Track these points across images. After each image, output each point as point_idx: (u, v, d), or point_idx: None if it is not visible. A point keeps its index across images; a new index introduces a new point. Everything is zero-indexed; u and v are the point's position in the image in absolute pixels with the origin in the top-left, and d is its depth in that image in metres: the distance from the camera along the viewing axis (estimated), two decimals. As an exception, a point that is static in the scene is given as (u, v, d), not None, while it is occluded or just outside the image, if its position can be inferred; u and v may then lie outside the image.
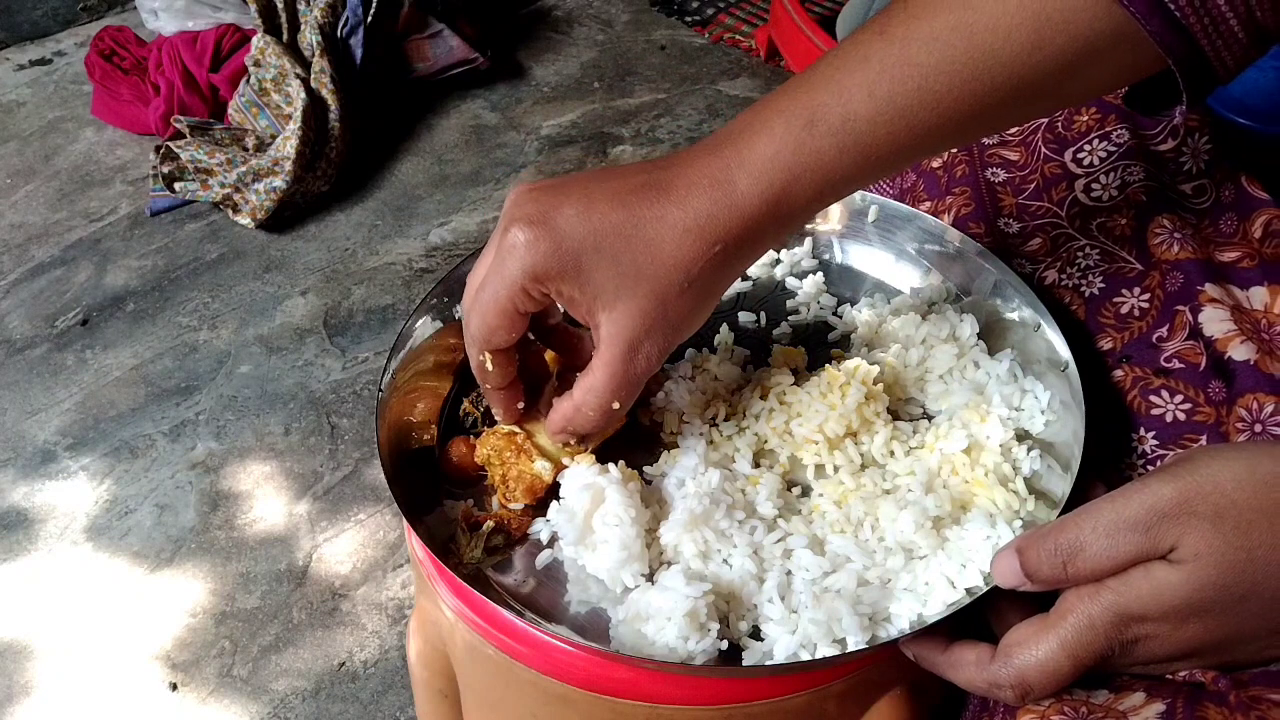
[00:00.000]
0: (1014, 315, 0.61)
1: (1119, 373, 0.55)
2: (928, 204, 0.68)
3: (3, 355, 1.32)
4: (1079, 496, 0.50)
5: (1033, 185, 0.64)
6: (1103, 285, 0.59)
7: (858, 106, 0.44)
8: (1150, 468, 0.52)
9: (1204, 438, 0.51)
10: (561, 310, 0.54)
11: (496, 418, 0.56)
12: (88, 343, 1.33)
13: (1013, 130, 0.67)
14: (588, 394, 0.49)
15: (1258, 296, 0.54)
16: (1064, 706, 0.42)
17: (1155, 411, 0.53)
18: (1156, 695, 0.41)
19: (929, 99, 0.44)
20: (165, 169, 1.51)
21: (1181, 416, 0.52)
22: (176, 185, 1.51)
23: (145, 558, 1.08)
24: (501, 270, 0.46)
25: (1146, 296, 0.57)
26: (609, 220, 0.45)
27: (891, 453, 0.56)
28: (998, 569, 0.44)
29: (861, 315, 0.64)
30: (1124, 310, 0.57)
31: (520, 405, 0.54)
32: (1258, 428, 0.50)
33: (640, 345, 0.47)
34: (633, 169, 0.47)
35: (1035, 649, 0.41)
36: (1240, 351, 0.52)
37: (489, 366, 0.50)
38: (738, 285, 0.69)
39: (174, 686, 0.97)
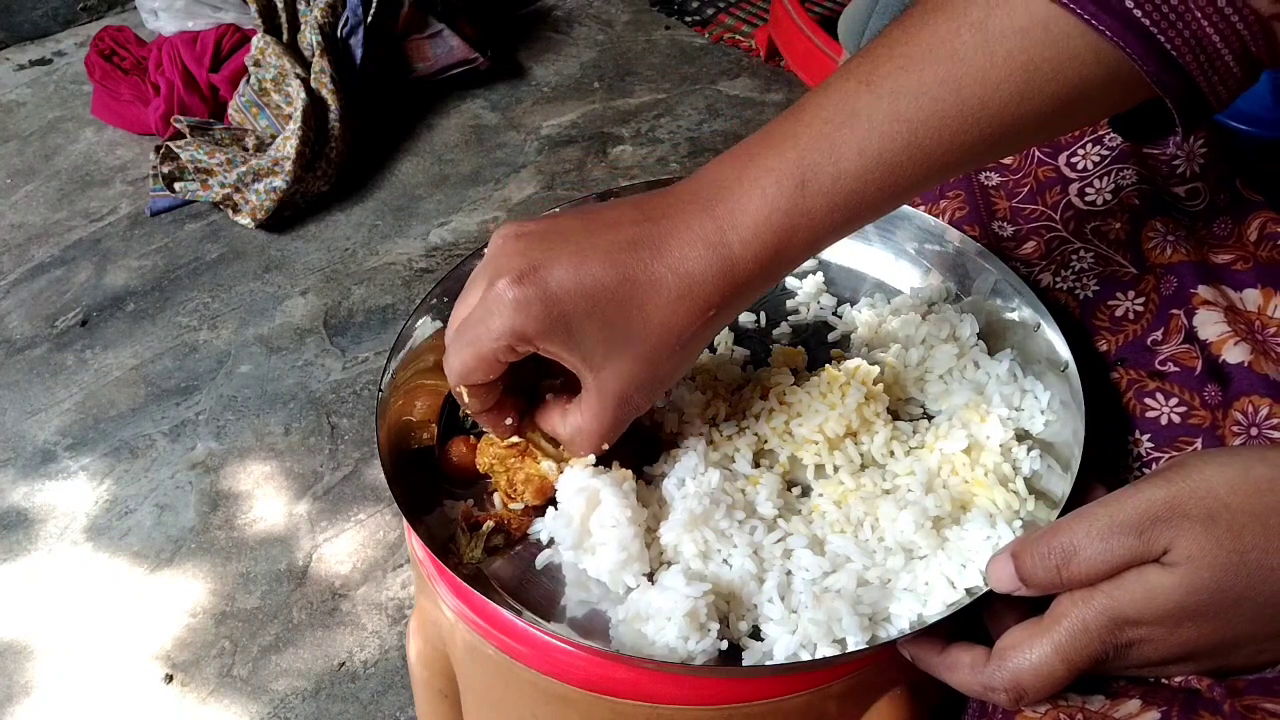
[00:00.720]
0: (1014, 315, 0.61)
1: (1114, 375, 0.55)
2: (921, 208, 0.68)
3: (3, 355, 1.32)
4: (1079, 497, 0.50)
5: (1026, 189, 0.65)
6: (1097, 288, 0.59)
7: (848, 165, 0.44)
8: (1146, 470, 0.52)
9: (1199, 441, 0.51)
10: None
11: (496, 437, 0.56)
12: (88, 343, 1.33)
13: None
14: (575, 435, 0.50)
15: (1251, 299, 0.54)
16: (1060, 713, 0.42)
17: (1150, 414, 0.53)
18: (1152, 703, 0.41)
19: (918, 154, 0.44)
20: (165, 169, 1.51)
21: (1176, 419, 0.52)
22: (176, 185, 1.51)
23: (145, 558, 1.08)
24: (487, 322, 0.45)
25: (1141, 300, 0.57)
26: (600, 282, 0.44)
27: (891, 453, 0.56)
28: (993, 574, 0.44)
29: (861, 315, 0.64)
30: (1118, 313, 0.58)
31: (509, 422, 0.53)
32: (1254, 431, 0.50)
33: (628, 400, 0.48)
34: (622, 217, 0.46)
35: (1029, 652, 0.41)
36: (1234, 354, 0.52)
37: (465, 398, 0.50)
38: (738, 285, 0.69)
39: (169, 678, 0.97)
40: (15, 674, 0.98)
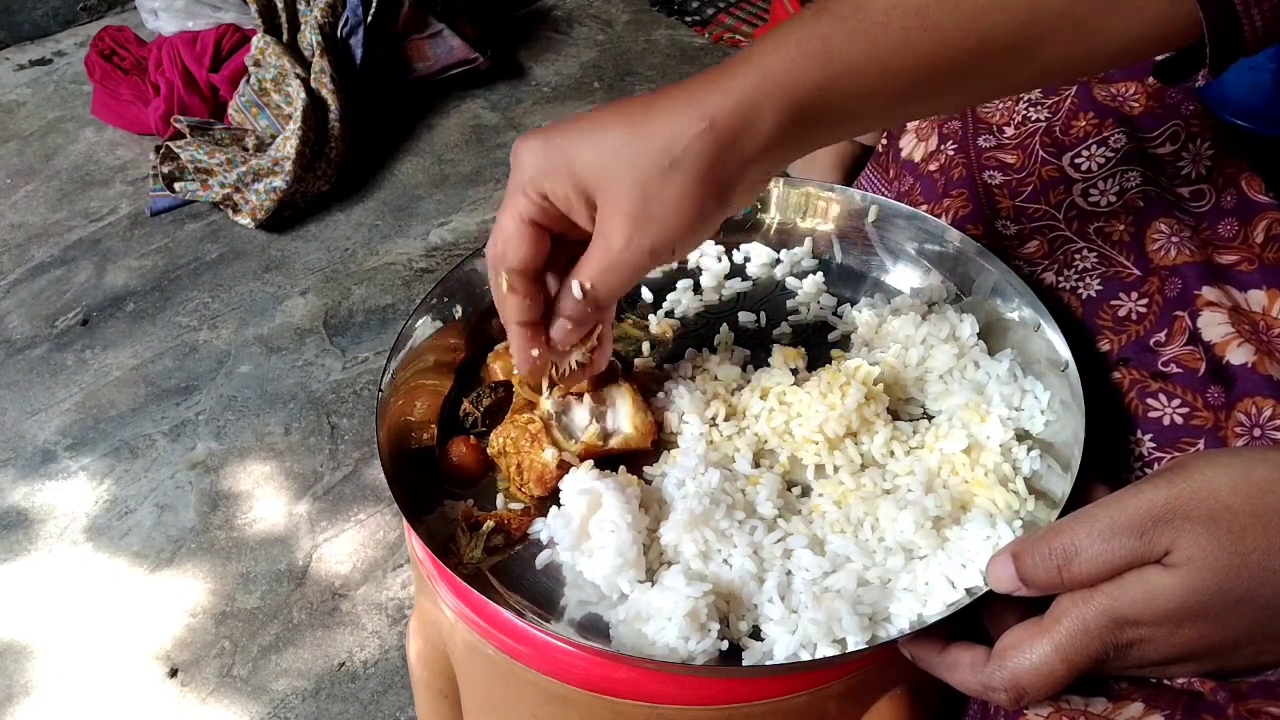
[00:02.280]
0: (1014, 315, 0.61)
1: (1116, 375, 0.55)
2: (925, 207, 0.68)
3: (3, 355, 1.32)
4: (1079, 497, 0.50)
5: (1030, 188, 0.65)
6: (1100, 288, 0.59)
7: (871, 10, 0.43)
8: (1148, 470, 0.52)
9: (1201, 442, 0.51)
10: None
11: (516, 367, 0.54)
12: (88, 343, 1.33)
13: (1010, 133, 0.67)
14: (596, 273, 0.48)
15: (1256, 299, 0.54)
16: (1062, 716, 0.41)
17: (1153, 414, 0.53)
18: (1155, 706, 0.40)
19: (934, 33, 0.43)
20: (165, 169, 1.51)
21: (1179, 420, 0.52)
22: (176, 185, 1.51)
23: (145, 558, 1.08)
24: (509, 184, 0.47)
25: (1144, 301, 0.57)
26: (598, 120, 0.45)
27: (891, 453, 0.56)
28: (993, 575, 0.44)
29: (861, 315, 0.64)
30: (1121, 313, 0.57)
31: (535, 353, 0.52)
32: (1256, 431, 0.50)
33: (627, 231, 0.45)
34: (638, 95, 0.47)
35: (1030, 652, 0.41)
36: (1238, 355, 0.52)
37: (505, 289, 0.49)
38: (737, 285, 0.69)
39: (173, 672, 0.97)
40: (15, 674, 0.98)
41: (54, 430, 1.22)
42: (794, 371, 0.60)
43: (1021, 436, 0.56)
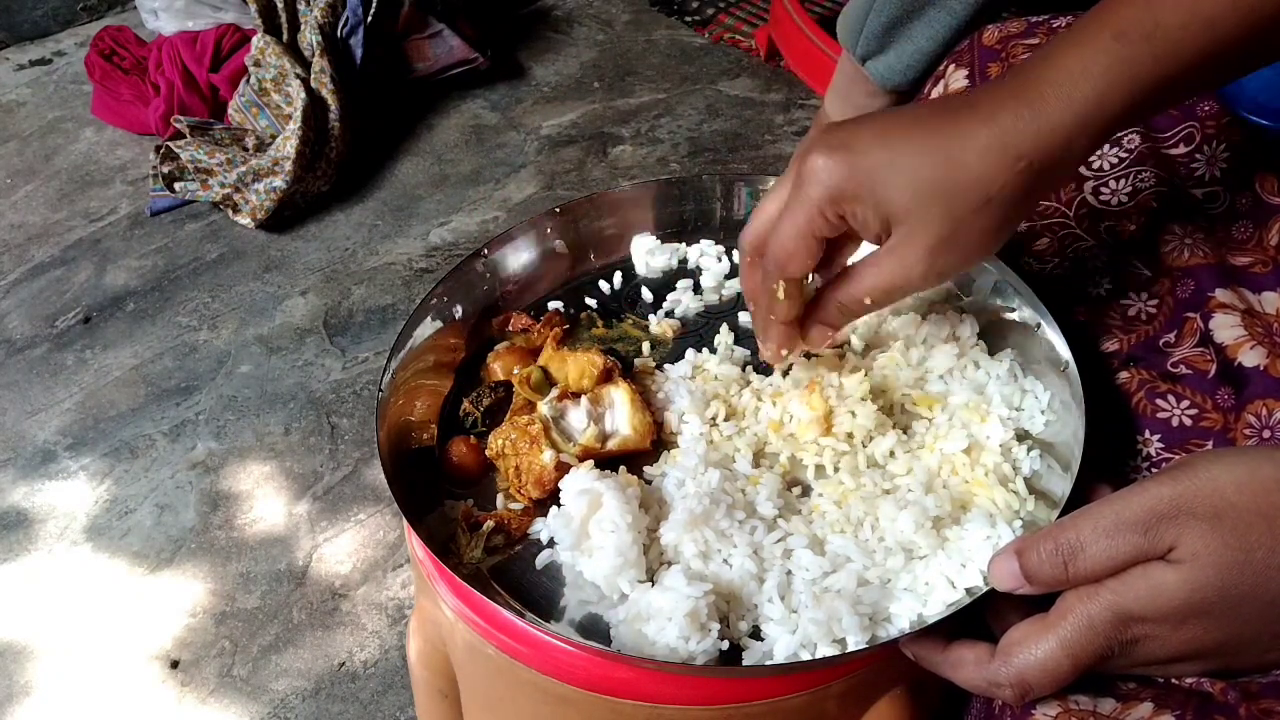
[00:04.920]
0: (1014, 315, 0.61)
1: (1124, 375, 0.55)
2: None
3: (3, 355, 1.32)
4: (1080, 497, 0.50)
5: None
6: (1110, 287, 0.59)
7: (1166, 16, 0.43)
8: (1155, 470, 0.52)
9: (1210, 443, 0.51)
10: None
11: (764, 355, 0.56)
12: (88, 343, 1.33)
13: None
14: (877, 291, 0.49)
15: (1270, 301, 0.54)
16: (1071, 717, 0.41)
17: (1161, 415, 0.53)
18: (1165, 706, 0.40)
19: (1241, 6, 0.42)
20: (165, 169, 1.51)
21: (1188, 421, 0.52)
22: (176, 185, 1.51)
23: (145, 558, 1.08)
24: (800, 196, 0.47)
25: (1155, 302, 0.57)
26: (907, 140, 0.45)
27: (892, 453, 0.56)
28: (995, 572, 0.44)
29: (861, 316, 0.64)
30: (1131, 313, 0.57)
31: (784, 353, 0.55)
32: (1266, 433, 0.50)
33: (934, 256, 0.46)
34: (932, 101, 0.48)
35: (1035, 649, 0.41)
36: (1250, 357, 0.52)
37: (781, 296, 0.50)
38: (737, 285, 0.69)
39: (174, 664, 0.97)
40: (15, 674, 0.98)
41: (54, 430, 1.22)
42: (785, 374, 0.60)
43: (1021, 436, 0.56)
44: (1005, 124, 0.44)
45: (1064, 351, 0.56)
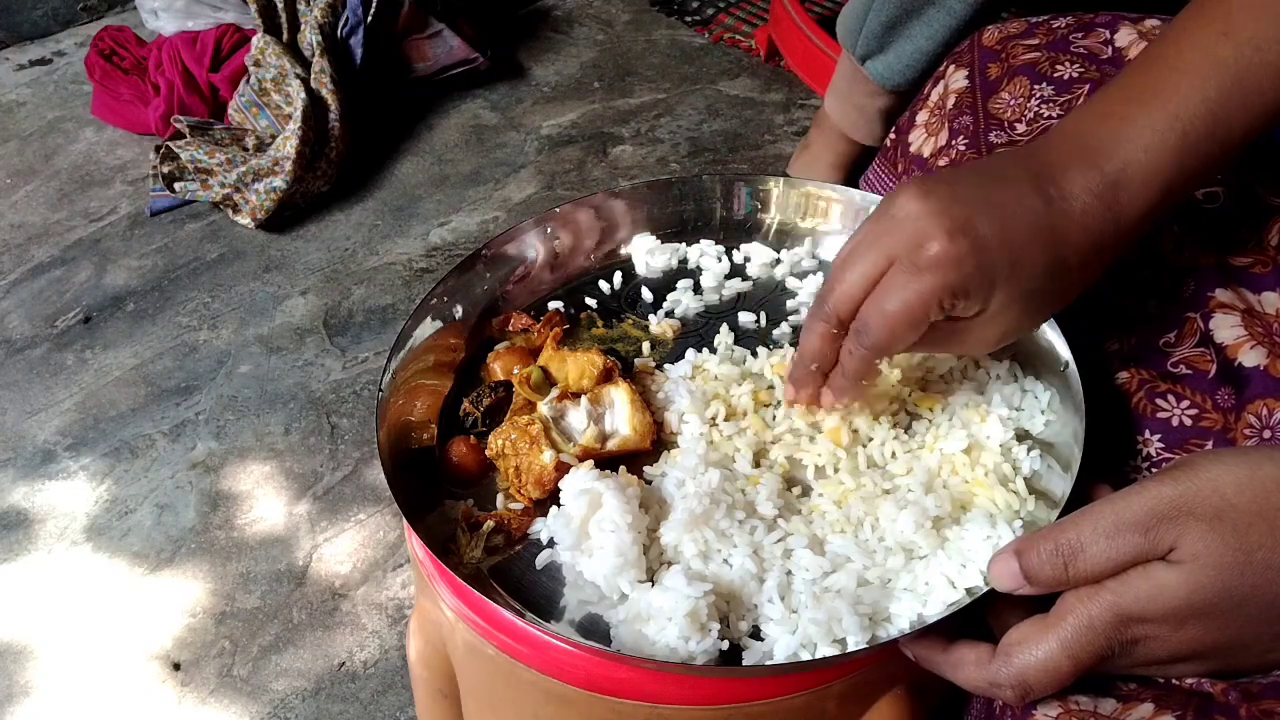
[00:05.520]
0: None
1: (1124, 375, 0.55)
2: None
3: (3, 355, 1.32)
4: (1080, 497, 0.50)
5: None
6: (1110, 288, 0.59)
7: (1232, 118, 0.46)
8: (1155, 470, 0.52)
9: (1210, 443, 0.51)
10: None
11: (790, 398, 0.56)
12: (88, 343, 1.33)
13: (1021, 129, 0.67)
14: (945, 349, 0.52)
15: (1270, 302, 0.54)
16: (1071, 718, 0.41)
17: (1161, 415, 0.53)
18: (1166, 707, 0.40)
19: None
20: (165, 169, 1.51)
21: (1188, 421, 0.52)
22: (176, 185, 1.51)
23: (145, 558, 1.08)
24: (920, 281, 0.46)
25: (1155, 301, 0.57)
26: (1021, 244, 0.46)
27: (892, 454, 0.56)
28: (995, 572, 0.44)
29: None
30: (1132, 313, 0.57)
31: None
32: (1267, 433, 0.50)
33: (1005, 337, 0.50)
34: (1017, 174, 0.47)
35: (1035, 649, 0.41)
36: (1250, 357, 0.52)
37: (885, 369, 0.53)
38: (738, 285, 0.69)
39: (176, 666, 0.97)
40: (15, 674, 0.98)
41: (54, 430, 1.22)
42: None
43: (1021, 436, 0.56)
44: (1095, 233, 0.46)
45: (1064, 351, 0.56)
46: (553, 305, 0.67)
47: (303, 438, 1.20)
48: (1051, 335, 0.57)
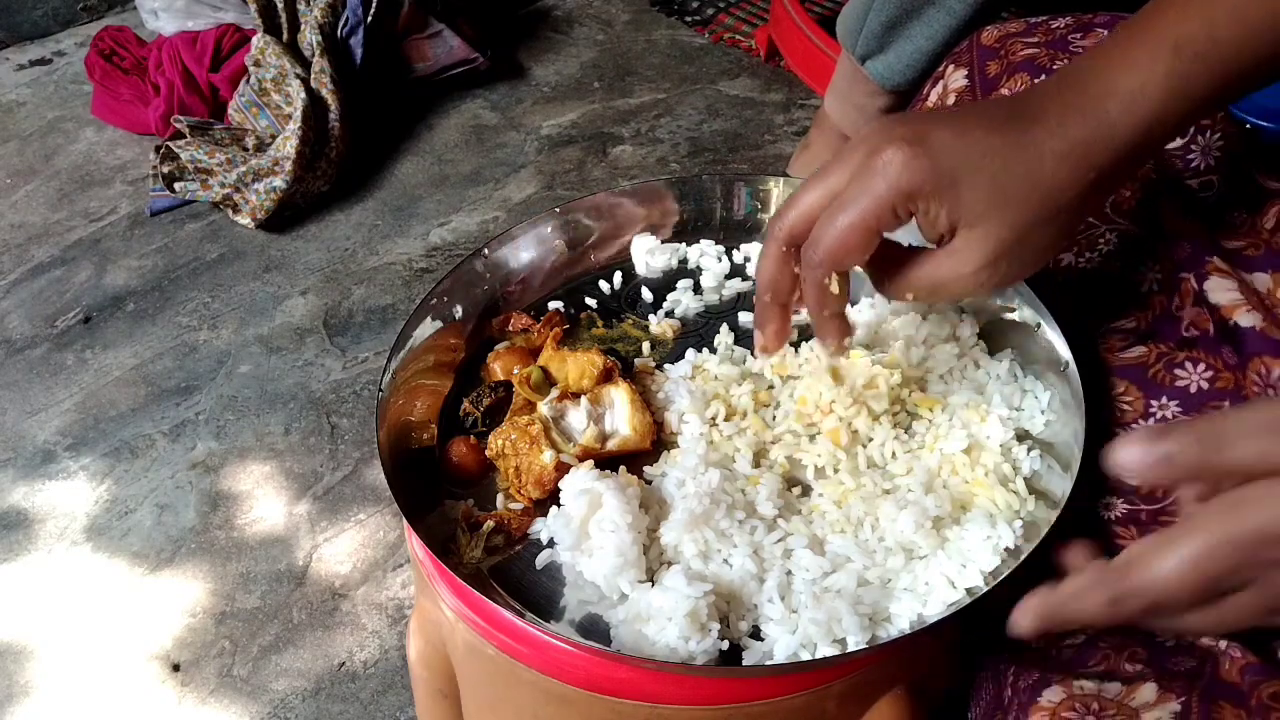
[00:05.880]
0: (1014, 315, 0.61)
1: (1140, 349, 0.55)
2: None
3: (3, 355, 1.32)
4: (1080, 497, 0.50)
5: None
6: (1120, 265, 0.59)
7: (1224, 32, 0.44)
8: None
9: (1227, 403, 0.51)
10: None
11: (825, 346, 0.54)
12: (88, 343, 1.33)
13: None
14: (937, 287, 0.48)
15: (1261, 282, 0.54)
16: (1074, 702, 0.41)
17: (1180, 383, 0.53)
18: (1169, 690, 0.40)
19: None
20: (165, 169, 1.51)
21: (1205, 385, 0.52)
22: (176, 185, 1.51)
23: (145, 558, 1.08)
24: (869, 188, 0.45)
25: (1159, 268, 0.57)
26: (986, 143, 0.45)
27: (892, 454, 0.56)
28: (1125, 454, 0.38)
29: (862, 315, 0.64)
30: (1143, 289, 0.57)
31: (847, 342, 0.54)
32: (1270, 391, 0.50)
33: (998, 260, 0.46)
34: (992, 102, 0.47)
35: (1166, 558, 0.37)
36: (1246, 319, 0.52)
37: (835, 290, 0.49)
38: (738, 285, 0.69)
39: (175, 668, 0.97)
40: (15, 674, 0.98)
41: (54, 430, 1.22)
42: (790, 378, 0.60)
43: (1021, 436, 0.56)
44: (1076, 135, 0.44)
45: (1064, 351, 0.56)
46: (553, 305, 0.67)
47: (303, 438, 1.20)
48: (1051, 335, 0.58)
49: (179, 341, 1.33)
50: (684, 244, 0.72)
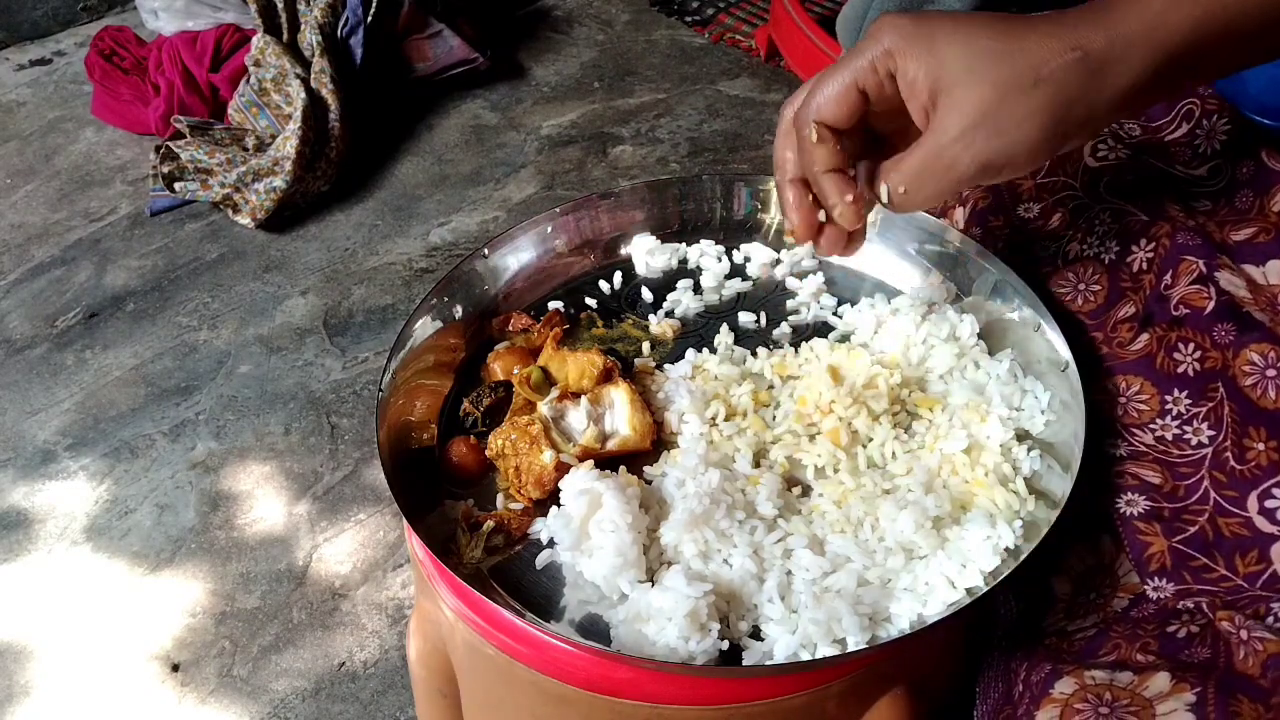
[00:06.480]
0: (1014, 315, 0.61)
1: (1145, 337, 0.55)
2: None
3: (3, 355, 1.32)
4: (1079, 497, 0.50)
5: (1047, 164, 0.64)
6: (1118, 248, 0.59)
7: None
8: (1187, 428, 0.52)
9: (1219, 385, 0.51)
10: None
11: (789, 229, 0.54)
12: (88, 343, 1.33)
13: None
14: (898, 174, 0.48)
15: (1274, 270, 0.54)
16: (1086, 693, 0.41)
17: (1180, 369, 0.53)
18: (1183, 680, 0.40)
19: None
20: (165, 169, 1.51)
21: (1198, 366, 0.52)
22: (176, 185, 1.51)
23: (145, 558, 1.08)
24: (856, 51, 0.47)
25: (1151, 246, 0.57)
26: (970, 22, 0.46)
27: (893, 454, 0.56)
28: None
29: (861, 315, 0.64)
30: (1135, 268, 0.57)
31: (821, 217, 0.52)
32: (1270, 372, 0.50)
33: (966, 135, 0.45)
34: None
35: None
36: (1257, 315, 0.52)
37: (814, 138, 0.49)
38: (737, 285, 0.69)
39: (175, 668, 0.97)
40: (15, 674, 0.98)
41: (54, 430, 1.22)
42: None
43: (1021, 436, 0.56)
44: (1067, 19, 0.45)
45: (1064, 351, 0.56)
46: (553, 305, 0.67)
47: (303, 437, 1.20)
48: (1051, 335, 0.58)
49: (179, 341, 1.33)
50: (684, 244, 0.72)
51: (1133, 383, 0.54)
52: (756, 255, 0.70)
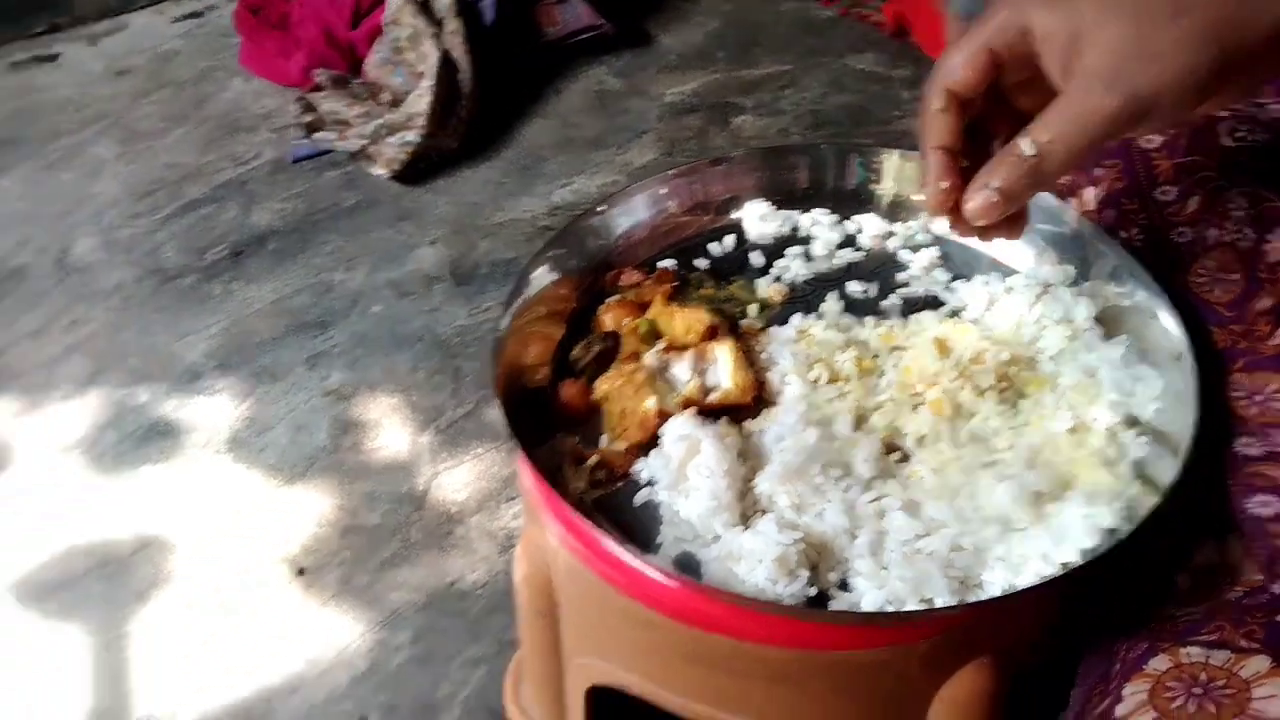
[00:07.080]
0: (1130, 302, 0.59)
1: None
2: (1069, 179, 0.66)
3: (156, 283, 1.44)
4: (1187, 484, 0.49)
5: (1184, 143, 0.61)
6: (1254, 236, 0.56)
7: None
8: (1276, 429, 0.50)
9: None
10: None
11: (926, 203, 0.51)
12: (234, 275, 1.44)
13: None
14: (1042, 125, 0.45)
15: None
16: (1180, 673, 0.41)
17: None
18: None
19: None
20: (305, 119, 1.59)
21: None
22: (316, 135, 1.60)
23: (280, 471, 1.17)
24: (985, 16, 0.46)
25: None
26: None
27: (995, 430, 0.55)
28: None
29: (974, 292, 0.64)
30: (1272, 259, 0.55)
31: (945, 185, 0.50)
32: None
33: (1111, 69, 0.43)
34: None
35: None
36: None
37: (936, 106, 0.48)
38: (848, 255, 0.69)
39: (301, 571, 1.06)
40: (161, 563, 1.09)
41: (201, 352, 1.33)
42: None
43: (1131, 422, 0.55)
44: None
45: (1181, 342, 0.55)
46: (664, 264, 0.69)
47: (428, 375, 1.27)
48: (1169, 324, 0.56)
49: (317, 280, 1.42)
50: (796, 211, 0.72)
51: (1271, 380, 0.52)
52: (869, 226, 0.70)
